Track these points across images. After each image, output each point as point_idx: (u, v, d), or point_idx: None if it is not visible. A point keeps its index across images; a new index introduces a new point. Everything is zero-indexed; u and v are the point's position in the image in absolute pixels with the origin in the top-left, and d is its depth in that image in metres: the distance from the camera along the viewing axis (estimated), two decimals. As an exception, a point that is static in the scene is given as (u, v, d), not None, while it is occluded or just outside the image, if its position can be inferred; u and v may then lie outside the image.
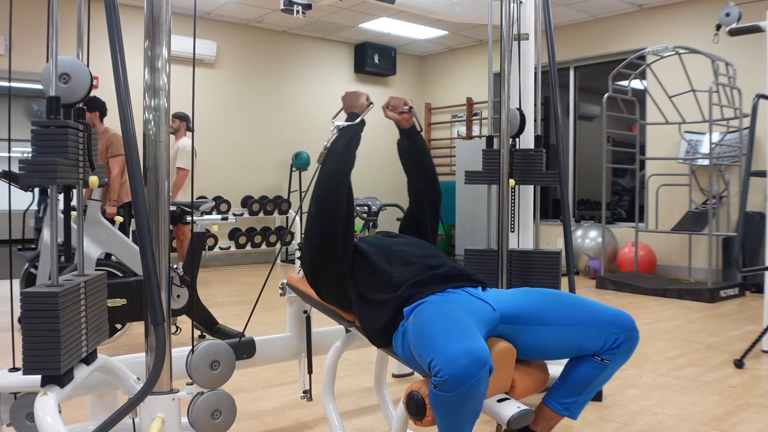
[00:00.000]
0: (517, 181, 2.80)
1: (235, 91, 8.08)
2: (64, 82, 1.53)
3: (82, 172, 1.56)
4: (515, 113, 2.83)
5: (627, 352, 1.71)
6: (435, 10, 3.52)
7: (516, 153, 2.82)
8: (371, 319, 1.83)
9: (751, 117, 3.54)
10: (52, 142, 1.45)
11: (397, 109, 2.14)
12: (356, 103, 2.04)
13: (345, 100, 2.07)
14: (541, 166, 2.78)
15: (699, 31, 6.68)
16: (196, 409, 1.61)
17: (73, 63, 1.54)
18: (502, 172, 2.69)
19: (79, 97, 1.56)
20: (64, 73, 1.53)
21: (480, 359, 1.39)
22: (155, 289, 1.43)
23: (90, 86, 1.56)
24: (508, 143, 2.70)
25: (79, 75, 1.55)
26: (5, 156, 8.74)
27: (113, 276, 3.60)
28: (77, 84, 1.55)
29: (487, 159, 2.84)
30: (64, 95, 1.53)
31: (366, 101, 2.03)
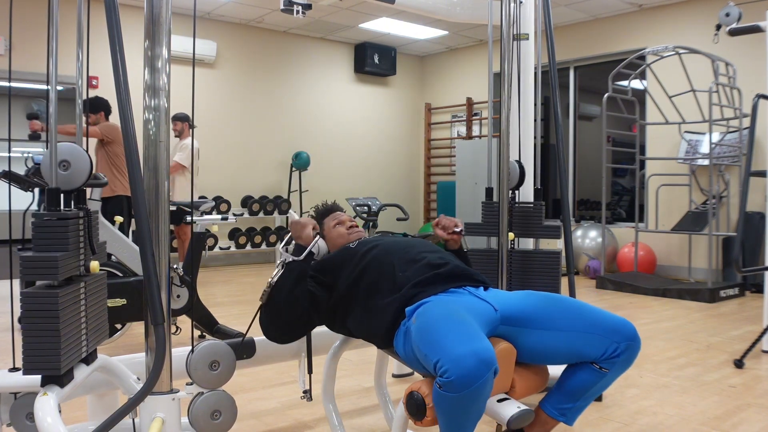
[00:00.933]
0: (516, 235, 2.80)
1: (235, 91, 8.08)
2: (64, 169, 1.52)
3: (83, 259, 1.56)
4: (514, 166, 2.84)
5: (627, 361, 1.71)
6: (435, 10, 3.52)
7: (515, 207, 2.83)
8: (373, 326, 1.83)
9: (751, 117, 3.54)
10: (53, 236, 1.45)
11: (448, 230, 2.13)
12: (302, 235, 1.93)
13: (292, 229, 1.97)
14: (541, 220, 2.78)
15: (699, 31, 6.68)
16: (196, 410, 1.61)
17: (72, 149, 1.53)
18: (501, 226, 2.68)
19: (79, 183, 1.54)
20: (64, 160, 1.52)
21: (486, 360, 1.38)
22: (155, 289, 1.43)
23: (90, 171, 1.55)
24: (507, 196, 2.70)
25: (79, 161, 1.54)
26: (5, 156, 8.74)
27: (113, 276, 3.60)
28: (77, 170, 1.53)
29: (486, 212, 2.84)
30: (63, 183, 1.52)
31: (313, 232, 1.93)
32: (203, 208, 3.91)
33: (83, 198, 1.59)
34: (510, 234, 2.71)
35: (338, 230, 2.20)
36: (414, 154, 9.83)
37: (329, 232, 2.22)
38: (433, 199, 9.63)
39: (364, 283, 1.89)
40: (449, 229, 2.13)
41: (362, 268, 1.91)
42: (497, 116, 2.77)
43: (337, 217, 2.26)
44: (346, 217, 2.27)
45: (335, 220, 2.24)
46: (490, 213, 2.81)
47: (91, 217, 1.60)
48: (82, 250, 1.55)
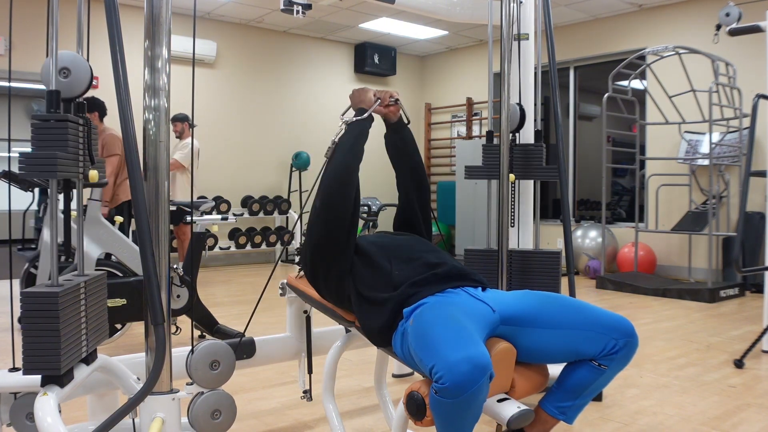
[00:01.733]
0: (517, 176, 2.79)
1: (235, 91, 8.08)
2: (64, 76, 1.52)
3: (83, 167, 1.56)
4: (515, 108, 2.83)
5: (625, 358, 1.71)
6: (435, 10, 3.52)
7: (516, 148, 2.81)
8: (370, 318, 1.83)
9: (751, 117, 3.54)
10: (52, 135, 1.45)
11: (383, 102, 2.14)
12: (364, 99, 2.06)
13: (352, 97, 2.09)
14: (541, 161, 2.78)
15: (699, 31, 6.68)
16: (196, 409, 1.61)
17: (73, 57, 1.54)
18: (502, 167, 2.68)
19: (80, 91, 1.55)
20: (64, 67, 1.52)
21: (481, 366, 1.38)
22: (155, 289, 1.43)
23: (90, 80, 1.56)
24: (508, 138, 2.70)
25: (79, 69, 1.54)
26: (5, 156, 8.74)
27: (113, 276, 3.60)
28: (77, 78, 1.54)
29: (487, 154, 2.84)
30: (64, 89, 1.52)
31: (374, 97, 2.06)
32: (203, 208, 3.91)
33: (82, 109, 1.59)
34: (511, 176, 2.71)
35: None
36: (414, 154, 9.82)
37: None
38: (433, 199, 9.63)
39: (361, 276, 1.88)
40: (385, 101, 2.14)
41: (361, 261, 1.90)
42: (497, 116, 2.77)
43: None
44: None
45: None
46: (491, 155, 2.81)
47: (91, 127, 1.59)
48: (82, 157, 1.55)
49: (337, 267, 1.89)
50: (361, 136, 1.98)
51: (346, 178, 1.91)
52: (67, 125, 1.46)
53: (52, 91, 1.48)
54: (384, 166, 2.34)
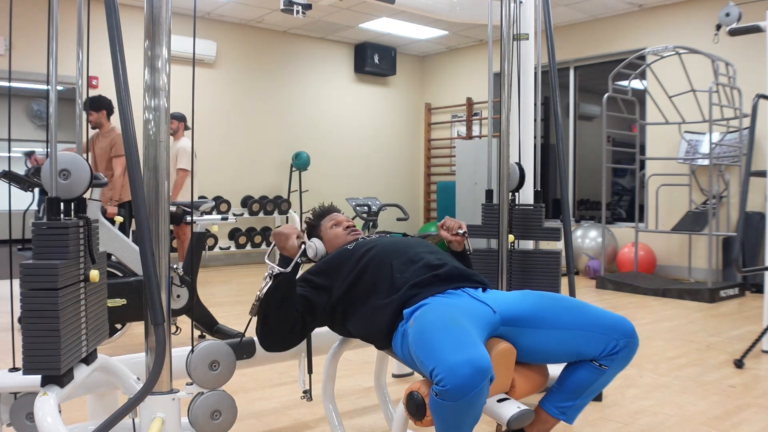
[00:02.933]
0: (516, 237, 2.80)
1: (235, 91, 8.08)
2: (64, 177, 1.52)
3: (83, 267, 1.56)
4: (515, 168, 2.83)
5: (626, 358, 1.71)
6: (435, 10, 3.52)
7: (516, 209, 2.82)
8: (371, 326, 1.83)
9: (751, 117, 3.54)
10: (53, 243, 1.45)
11: (452, 231, 2.13)
12: (286, 246, 1.82)
13: (275, 240, 1.86)
14: (541, 222, 2.78)
15: (699, 31, 6.68)
16: (196, 409, 1.61)
17: (72, 158, 1.53)
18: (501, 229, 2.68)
19: (79, 192, 1.54)
20: (64, 169, 1.52)
21: (482, 369, 1.39)
22: (155, 289, 1.43)
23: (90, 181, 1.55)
24: (507, 198, 2.70)
25: (79, 170, 1.53)
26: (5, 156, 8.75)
27: (113, 276, 3.60)
28: (77, 179, 1.53)
29: (486, 214, 2.84)
30: (63, 192, 1.52)
31: (297, 241, 1.82)
32: (203, 208, 3.91)
33: (83, 206, 1.59)
34: (510, 236, 2.71)
35: (335, 231, 2.20)
36: (414, 154, 9.83)
37: (326, 233, 2.22)
38: (433, 199, 9.63)
39: (363, 284, 1.89)
40: (453, 230, 2.13)
41: (361, 268, 1.91)
42: (497, 116, 2.77)
43: (334, 218, 2.26)
44: (344, 218, 2.27)
45: (332, 221, 2.24)
46: (490, 215, 2.81)
47: (91, 225, 1.59)
48: (82, 258, 1.55)
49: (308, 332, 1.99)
50: (288, 291, 1.82)
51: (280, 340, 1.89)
52: (67, 233, 1.46)
53: (52, 198, 1.48)
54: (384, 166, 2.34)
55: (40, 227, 1.45)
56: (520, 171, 2.85)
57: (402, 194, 9.56)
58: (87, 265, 1.58)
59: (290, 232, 1.83)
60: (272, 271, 1.80)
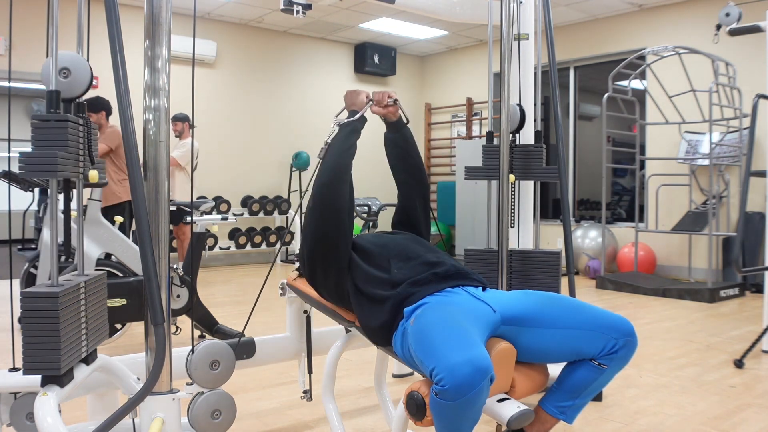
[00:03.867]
0: (517, 177, 2.79)
1: (235, 91, 8.08)
2: (64, 76, 1.52)
3: (82, 167, 1.56)
4: (515, 109, 2.83)
5: (625, 357, 1.71)
6: (435, 10, 3.52)
7: (516, 149, 2.82)
8: (370, 317, 1.83)
9: (751, 117, 3.54)
10: (52, 135, 1.45)
11: (382, 102, 2.15)
12: (356, 101, 2.08)
13: (346, 98, 2.11)
14: (541, 162, 2.78)
15: (699, 31, 6.68)
16: (196, 409, 1.61)
17: (74, 57, 1.54)
18: (502, 168, 2.69)
19: (80, 91, 1.55)
20: (64, 67, 1.52)
21: (482, 369, 1.39)
22: (155, 289, 1.43)
23: (90, 80, 1.56)
24: (508, 138, 2.70)
25: (79, 69, 1.54)
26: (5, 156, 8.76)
27: (113, 276, 3.60)
28: (77, 78, 1.54)
29: (487, 154, 2.84)
30: (64, 89, 1.52)
31: (366, 98, 2.08)
32: (203, 208, 3.91)
33: (83, 109, 1.59)
34: (511, 176, 2.71)
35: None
36: (414, 154, 9.82)
37: None
38: (433, 199, 9.63)
39: (361, 272, 1.88)
40: (383, 102, 2.15)
41: (359, 258, 1.91)
42: (497, 116, 2.77)
43: None
44: None
45: None
46: (491, 156, 2.81)
47: (91, 127, 1.59)
48: (82, 157, 1.55)
49: (334, 266, 1.89)
50: (352, 135, 2.00)
51: (340, 176, 1.92)
52: (67, 125, 1.46)
53: (52, 91, 1.48)
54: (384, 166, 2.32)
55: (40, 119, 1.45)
56: (521, 112, 2.85)
57: (402, 194, 9.54)
58: (86, 165, 1.57)
59: (360, 91, 2.12)
60: (339, 121, 2.01)
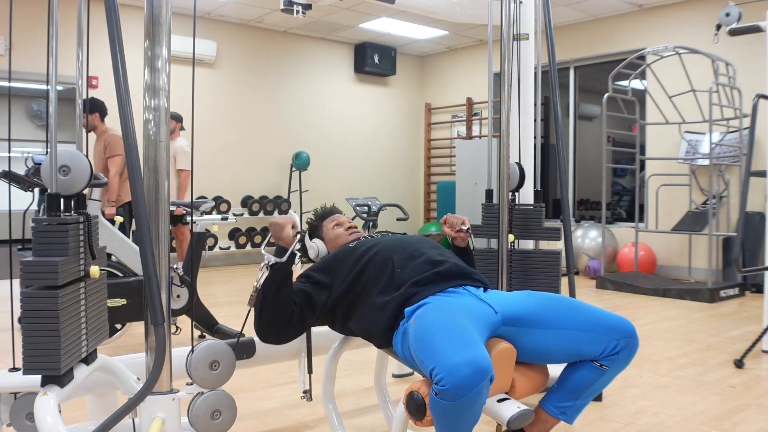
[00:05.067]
0: (516, 237, 2.80)
1: (235, 91, 8.08)
2: (64, 174, 1.52)
3: (83, 263, 1.56)
4: (515, 168, 2.83)
5: (626, 358, 1.71)
6: (435, 10, 3.52)
7: (515, 209, 2.82)
8: (372, 321, 1.83)
9: (751, 117, 3.54)
10: (53, 240, 1.45)
11: (455, 228, 2.14)
12: (281, 236, 1.84)
13: (271, 230, 1.87)
14: (541, 222, 2.78)
15: (699, 31, 6.68)
16: (196, 409, 1.61)
17: (72, 154, 1.53)
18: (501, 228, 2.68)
19: (80, 188, 1.54)
20: (64, 165, 1.52)
21: (482, 369, 1.39)
22: (155, 289, 1.43)
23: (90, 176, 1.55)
24: (507, 198, 2.70)
25: (79, 166, 1.53)
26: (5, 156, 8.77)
27: (113, 276, 3.60)
28: (77, 175, 1.53)
29: (486, 213, 2.84)
30: (63, 188, 1.52)
31: (292, 232, 1.84)
32: (203, 208, 3.91)
33: (83, 202, 1.59)
34: (510, 236, 2.71)
35: (337, 231, 2.22)
36: (414, 154, 9.83)
37: (328, 233, 2.23)
38: (433, 199, 9.63)
39: (363, 281, 1.89)
40: (456, 227, 2.14)
41: (362, 266, 1.91)
42: (497, 116, 2.77)
43: (336, 219, 2.27)
44: (345, 218, 2.28)
45: (334, 222, 2.25)
46: (490, 215, 2.81)
47: (91, 221, 1.60)
48: (83, 254, 1.56)
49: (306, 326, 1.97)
50: (284, 281, 1.83)
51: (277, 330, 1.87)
52: (67, 229, 1.46)
53: (52, 194, 1.48)
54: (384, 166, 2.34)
55: (40, 224, 1.45)
56: (520, 171, 2.85)
57: (402, 194, 9.56)
58: (87, 260, 1.58)
59: (285, 222, 1.84)
60: (268, 261, 1.80)
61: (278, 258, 1.81)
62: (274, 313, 1.83)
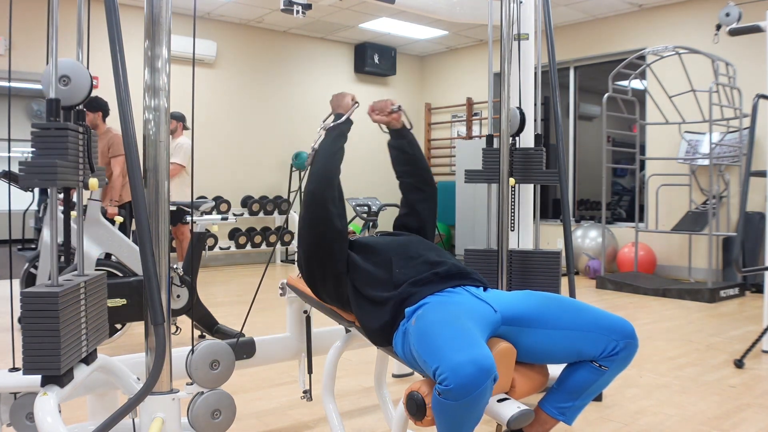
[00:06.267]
0: (517, 180, 2.80)
1: (235, 91, 8.08)
2: (64, 84, 1.53)
3: (82, 174, 1.56)
4: (515, 112, 2.83)
5: (626, 359, 1.71)
6: (435, 10, 3.52)
7: (516, 152, 2.81)
8: (371, 318, 1.83)
9: (751, 117, 3.54)
10: (52, 143, 1.45)
11: (385, 110, 2.14)
12: (342, 104, 2.06)
13: (332, 102, 2.09)
14: (541, 165, 2.78)
15: (699, 31, 6.68)
16: (196, 409, 1.61)
17: (73, 65, 1.54)
18: (502, 171, 2.69)
19: (80, 99, 1.55)
20: (64, 75, 1.53)
21: (485, 369, 1.38)
22: (155, 289, 1.43)
23: (90, 88, 1.56)
24: (508, 142, 2.70)
25: (79, 77, 1.55)
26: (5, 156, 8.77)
27: (113, 276, 3.60)
28: (77, 86, 1.54)
29: (487, 158, 2.84)
30: (64, 97, 1.52)
31: (351, 101, 2.06)
32: (203, 208, 3.91)
33: (82, 117, 1.59)
34: (511, 180, 2.71)
35: None
36: (414, 154, 9.82)
37: None
38: (433, 199, 9.62)
39: (360, 272, 1.88)
40: (386, 109, 2.14)
41: (361, 257, 1.91)
42: (497, 116, 2.77)
43: None
44: None
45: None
46: (491, 159, 2.81)
47: (91, 135, 1.60)
48: (82, 165, 1.55)
49: (331, 270, 1.89)
50: (339, 139, 1.99)
51: (328, 181, 1.92)
52: (66, 133, 1.46)
53: (51, 99, 1.48)
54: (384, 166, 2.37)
55: (40, 127, 1.45)
56: (521, 115, 2.85)
57: (402, 194, 9.55)
58: (86, 173, 1.58)
59: (346, 93, 2.09)
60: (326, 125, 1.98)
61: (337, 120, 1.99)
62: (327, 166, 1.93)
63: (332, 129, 1.99)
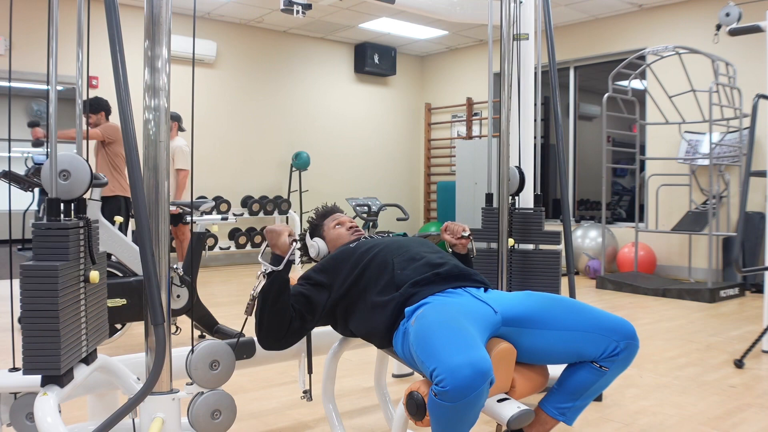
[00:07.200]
0: (516, 241, 2.80)
1: (235, 91, 8.08)
2: (64, 178, 1.52)
3: (83, 269, 1.56)
4: (515, 172, 2.83)
5: (626, 360, 1.71)
6: (435, 10, 3.52)
7: (515, 213, 2.82)
8: (372, 321, 1.83)
9: (751, 117, 3.54)
10: (53, 244, 1.45)
11: (456, 234, 2.14)
12: (278, 243, 1.83)
13: (267, 237, 1.87)
14: (541, 226, 2.78)
15: (699, 31, 6.68)
16: (196, 409, 1.61)
17: (72, 158, 1.53)
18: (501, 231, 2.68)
19: (79, 192, 1.54)
20: (64, 170, 1.52)
21: (482, 371, 1.39)
22: (155, 289, 1.43)
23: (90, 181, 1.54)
24: (507, 202, 2.70)
25: (79, 170, 1.53)
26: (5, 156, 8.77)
27: (113, 276, 3.60)
28: (77, 180, 1.53)
29: (486, 217, 2.84)
30: (63, 192, 1.52)
31: (288, 240, 1.84)
32: (203, 208, 3.91)
33: (83, 207, 1.59)
34: (510, 240, 2.71)
35: (338, 231, 2.21)
36: (414, 154, 9.83)
37: (329, 233, 2.23)
38: (433, 199, 9.63)
39: (364, 281, 1.89)
40: (457, 233, 2.13)
41: (362, 266, 1.91)
42: (497, 116, 2.77)
43: (337, 218, 2.27)
44: (346, 218, 2.28)
45: (335, 221, 2.25)
46: (490, 218, 2.81)
47: (91, 226, 1.59)
48: (83, 259, 1.55)
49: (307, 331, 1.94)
50: (282, 289, 1.81)
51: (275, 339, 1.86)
52: (68, 234, 1.46)
53: (52, 199, 1.48)
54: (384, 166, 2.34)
55: (40, 228, 1.45)
56: (520, 174, 2.85)
57: (402, 194, 9.56)
58: (87, 265, 1.58)
59: (281, 230, 1.84)
60: (265, 269, 1.80)
61: (274, 266, 1.79)
62: (274, 321, 1.82)
63: (272, 282, 1.79)
